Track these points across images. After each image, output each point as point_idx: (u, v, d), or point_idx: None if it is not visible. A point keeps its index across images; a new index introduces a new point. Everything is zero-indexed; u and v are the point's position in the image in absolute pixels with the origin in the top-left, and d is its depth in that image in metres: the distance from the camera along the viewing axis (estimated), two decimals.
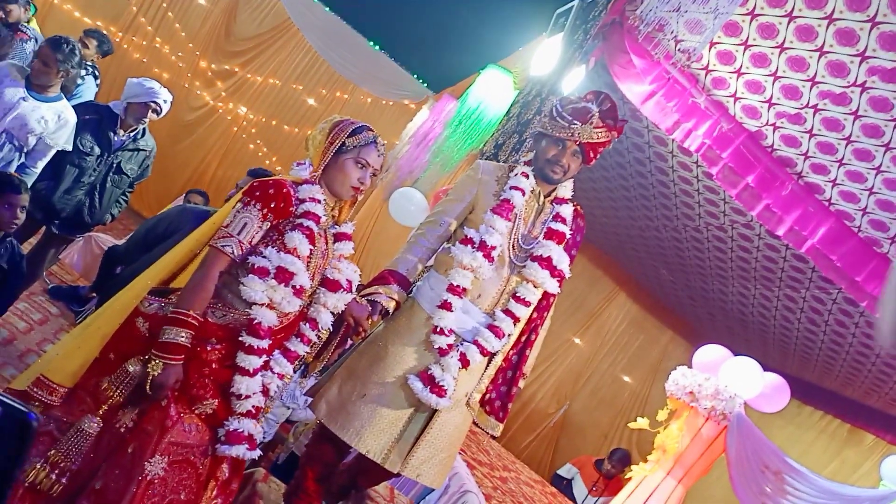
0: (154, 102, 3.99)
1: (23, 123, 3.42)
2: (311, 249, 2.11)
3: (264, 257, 2.04)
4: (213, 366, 2.04)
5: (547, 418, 9.48)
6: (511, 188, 2.58)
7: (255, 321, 2.02)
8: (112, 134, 3.95)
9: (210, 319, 2.04)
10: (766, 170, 4.74)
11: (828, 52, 3.98)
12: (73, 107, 3.83)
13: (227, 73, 8.37)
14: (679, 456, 4.78)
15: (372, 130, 2.26)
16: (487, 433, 2.62)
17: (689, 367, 5.20)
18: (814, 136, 4.46)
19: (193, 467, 2.01)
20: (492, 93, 5.59)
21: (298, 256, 2.06)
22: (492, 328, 2.52)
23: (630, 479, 5.12)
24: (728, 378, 4.83)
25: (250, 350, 2.03)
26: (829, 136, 4.40)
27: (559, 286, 2.63)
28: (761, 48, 4.23)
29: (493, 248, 2.50)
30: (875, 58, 3.82)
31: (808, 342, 6.62)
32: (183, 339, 1.93)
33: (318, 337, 2.25)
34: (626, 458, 6.97)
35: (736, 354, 5.09)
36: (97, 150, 3.88)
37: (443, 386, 2.43)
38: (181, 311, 1.94)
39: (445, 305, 2.50)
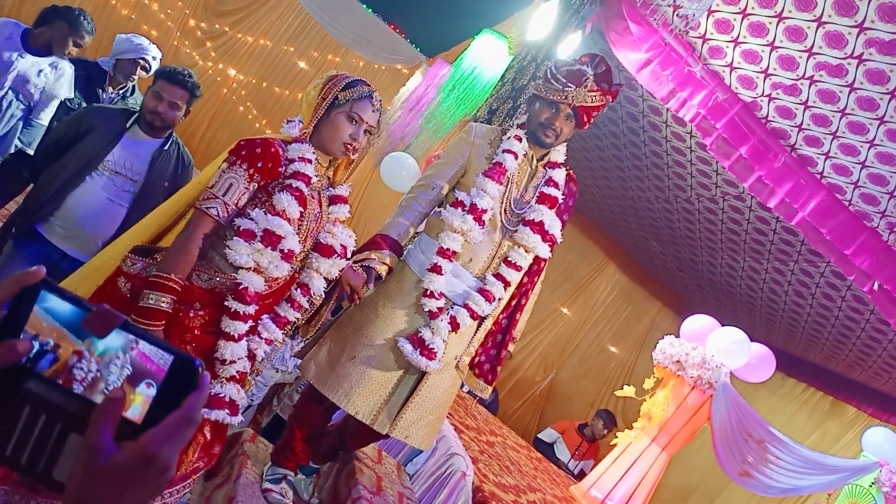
0: (143, 59, 3.91)
1: (25, 80, 3.37)
2: (301, 212, 2.04)
3: (251, 219, 1.97)
4: (196, 332, 1.99)
5: (534, 386, 9.57)
6: (504, 151, 2.57)
7: (241, 286, 1.97)
8: (100, 90, 3.87)
9: (195, 283, 1.99)
10: (760, 141, 4.72)
11: (826, 23, 3.94)
12: None
13: (216, 33, 8.22)
14: (664, 424, 4.84)
15: (368, 85, 2.18)
16: (475, 396, 2.63)
17: (677, 336, 5.24)
18: (809, 107, 4.44)
19: None
20: (486, 58, 5.52)
21: (287, 219, 1.99)
22: (482, 292, 2.52)
23: (615, 444, 5.19)
24: (715, 348, 4.87)
25: (235, 315, 1.98)
26: (823, 109, 4.37)
27: (550, 251, 2.62)
28: (759, 17, 4.18)
29: (484, 211, 2.50)
30: (873, 29, 3.79)
31: (794, 315, 6.68)
32: (164, 304, 1.87)
33: (311, 303, 2.21)
34: (612, 417, 7.07)
35: (723, 325, 5.13)
36: (84, 106, 3.81)
37: (433, 349, 2.43)
38: (163, 274, 1.88)
39: (435, 269, 2.49)
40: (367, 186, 7.96)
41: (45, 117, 3.56)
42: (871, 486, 4.80)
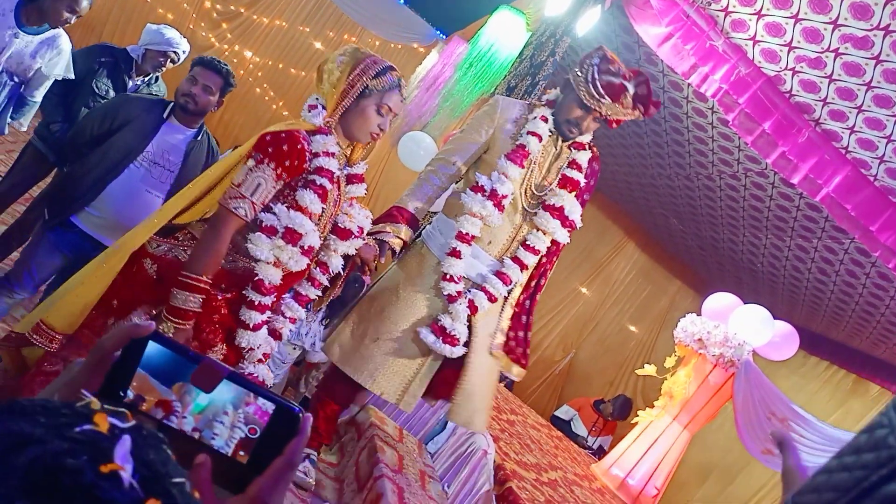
0: (173, 52, 3.93)
1: (20, 60, 3.34)
2: (323, 207, 2.04)
3: (274, 214, 1.97)
4: (223, 311, 2.01)
5: (553, 365, 9.57)
6: (528, 133, 2.53)
7: (258, 278, 1.98)
8: (127, 78, 3.89)
9: (220, 266, 1.99)
10: (784, 116, 4.64)
11: None
12: (92, 49, 3.77)
13: (232, 15, 8.20)
14: (685, 402, 4.82)
15: (395, 70, 2.14)
16: (503, 379, 2.65)
17: (699, 315, 5.20)
18: (833, 81, 4.35)
19: None
20: (504, 35, 5.46)
21: (309, 215, 1.99)
22: (499, 275, 2.53)
23: (636, 423, 5.18)
24: (738, 325, 4.83)
25: (251, 305, 2.00)
26: (849, 82, 4.28)
27: (569, 236, 2.62)
28: None
29: (504, 197, 2.49)
30: None
31: (818, 292, 6.59)
32: (193, 304, 1.89)
33: (331, 281, 2.24)
34: (628, 404, 7.05)
35: (745, 303, 5.08)
36: (112, 94, 3.82)
37: (455, 335, 2.45)
38: (191, 275, 1.89)
39: (454, 253, 2.50)
40: (385, 166, 7.94)
41: (39, 95, 3.53)
42: None
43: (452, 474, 2.83)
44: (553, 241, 2.61)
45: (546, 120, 2.57)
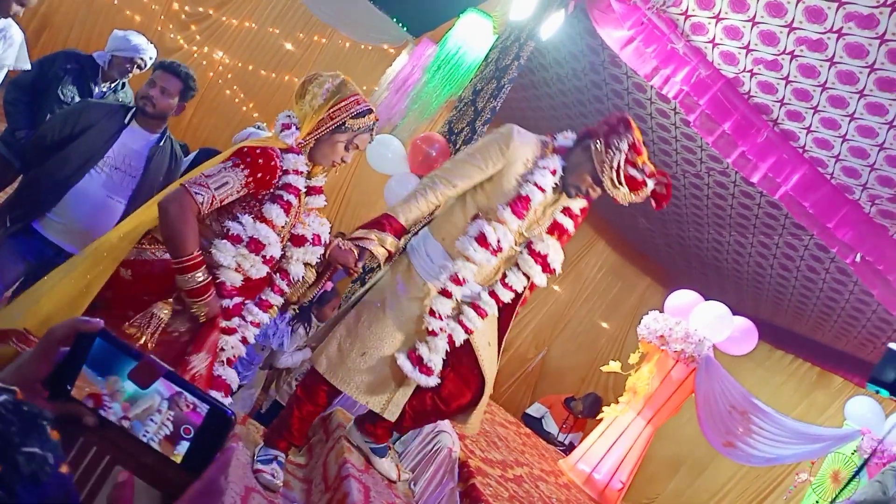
0: (140, 58, 3.92)
1: None
2: (286, 221, 2.14)
3: (240, 224, 2.06)
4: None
5: (526, 363, 9.66)
6: (534, 185, 2.56)
7: (220, 281, 2.06)
8: (93, 84, 3.87)
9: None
10: (743, 117, 4.76)
11: None
12: (57, 55, 3.76)
13: (201, 16, 8.17)
14: (649, 397, 4.94)
15: (373, 113, 2.23)
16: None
17: (662, 312, 5.31)
18: (790, 82, 4.48)
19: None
20: (471, 37, 5.52)
21: (274, 227, 2.09)
22: (476, 308, 2.62)
23: (601, 419, 5.29)
24: (698, 322, 4.94)
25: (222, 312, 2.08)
26: (804, 83, 4.41)
27: (546, 280, 2.70)
28: None
29: (501, 249, 2.56)
30: (852, 3, 3.81)
31: (780, 287, 6.76)
32: (200, 278, 1.97)
33: (289, 285, 2.32)
34: (598, 402, 7.17)
35: (708, 300, 5.20)
36: (77, 100, 3.81)
37: (430, 366, 2.54)
38: (181, 258, 1.95)
39: (445, 293, 2.57)
40: (356, 169, 7.97)
41: None
42: (853, 453, 4.90)
43: (419, 473, 2.89)
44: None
45: (555, 173, 2.58)
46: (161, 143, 3.19)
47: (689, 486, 8.31)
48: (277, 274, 2.27)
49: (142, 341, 1.95)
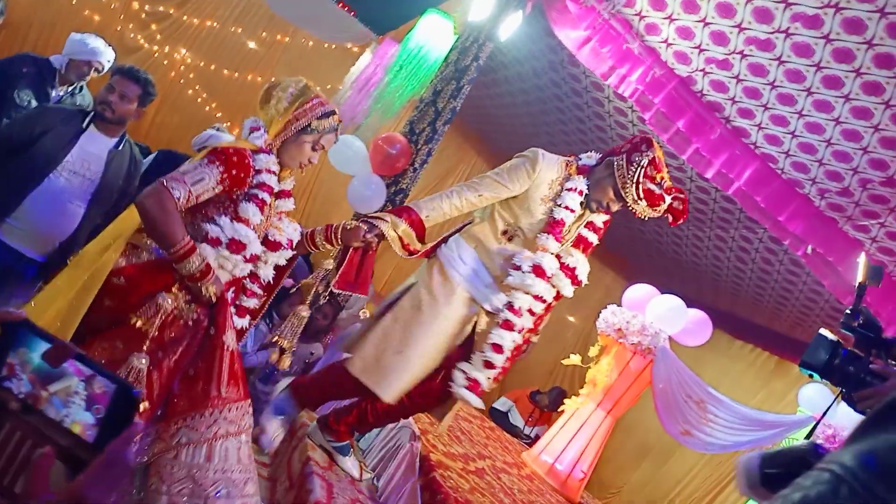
0: (97, 61, 3.91)
1: None
2: (261, 219, 2.21)
3: (218, 226, 2.12)
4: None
5: None
6: (564, 207, 2.74)
7: None
8: (50, 88, 3.85)
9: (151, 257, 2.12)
10: (696, 114, 4.90)
11: None
12: (13, 59, 3.73)
13: (161, 16, 8.08)
14: (608, 389, 5.06)
15: (336, 114, 2.33)
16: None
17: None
18: (741, 81, 4.61)
19: None
20: (432, 37, 5.57)
21: (251, 226, 2.16)
22: (505, 325, 2.74)
23: (563, 411, 5.41)
24: (653, 315, 5.08)
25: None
26: (754, 82, 4.55)
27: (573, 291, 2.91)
28: None
29: (550, 275, 2.73)
30: (798, 4, 3.95)
31: (737, 279, 6.94)
32: (199, 261, 2.03)
33: (262, 288, 2.40)
34: (562, 395, 7.30)
35: (664, 293, 5.34)
36: (34, 104, 3.78)
37: (477, 381, 2.72)
38: (174, 248, 2.01)
39: (507, 326, 2.71)
40: (319, 169, 7.98)
41: None
42: (806, 439, 5.06)
43: (382, 468, 2.95)
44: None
45: (581, 194, 2.76)
46: (120, 147, 3.20)
47: (654, 475, 8.48)
48: (250, 279, 2.32)
49: (152, 330, 1.99)
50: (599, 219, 2.90)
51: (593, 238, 2.89)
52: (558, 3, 4.69)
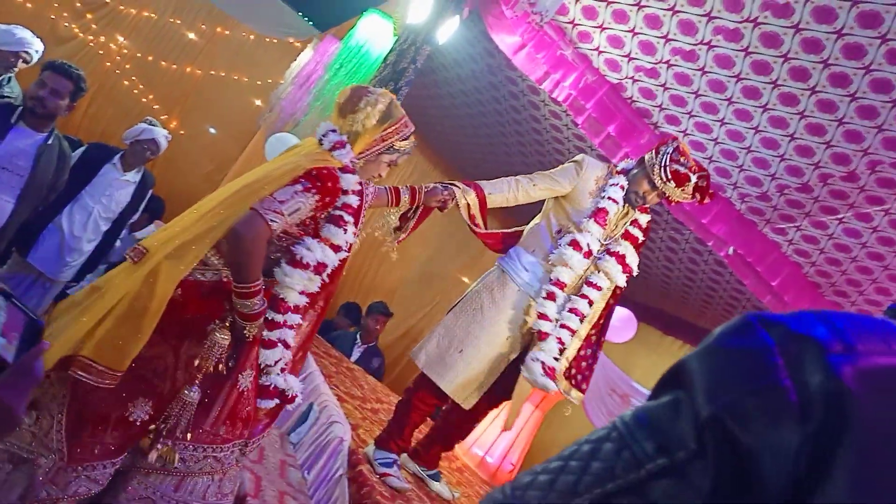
0: (25, 52, 3.84)
1: None
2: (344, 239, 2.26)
3: (307, 249, 2.12)
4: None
5: None
6: (608, 198, 3.07)
7: (280, 297, 2.13)
8: None
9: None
10: (626, 120, 5.09)
11: (679, 11, 4.28)
12: None
13: (97, 5, 7.91)
14: None
15: (414, 133, 2.39)
16: (570, 400, 3.10)
17: None
18: (667, 89, 4.82)
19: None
20: (373, 37, 5.63)
21: (335, 248, 2.19)
22: (573, 311, 3.03)
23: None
24: None
25: (272, 325, 2.14)
26: (679, 90, 4.76)
27: (626, 281, 3.17)
28: (621, 5, 4.49)
29: (591, 252, 3.02)
30: (719, 18, 4.15)
31: (665, 278, 7.21)
32: (258, 306, 2.02)
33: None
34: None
35: None
36: None
37: (553, 367, 2.98)
38: (243, 285, 1.99)
39: (550, 296, 2.99)
40: (258, 166, 7.94)
41: None
42: None
43: (312, 462, 3.01)
44: (615, 288, 3.14)
45: (623, 188, 3.11)
46: (49, 142, 3.18)
47: None
48: None
49: (209, 369, 1.97)
50: (644, 218, 3.22)
51: (639, 234, 3.19)
52: (495, 8, 4.80)
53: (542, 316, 2.98)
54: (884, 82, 3.75)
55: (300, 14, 7.24)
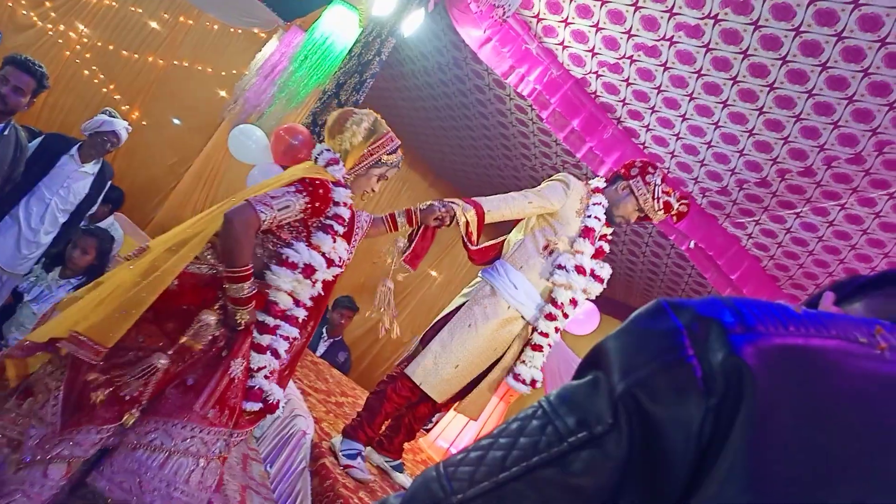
0: None
1: None
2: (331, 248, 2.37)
3: (296, 251, 2.26)
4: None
5: (400, 348, 9.86)
6: (594, 217, 3.27)
7: (272, 300, 2.26)
8: None
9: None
10: (590, 114, 5.13)
11: (641, 7, 4.33)
12: None
13: None
14: None
15: (401, 146, 2.56)
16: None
17: None
18: (630, 84, 4.87)
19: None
20: (338, 28, 5.58)
21: (323, 254, 2.31)
22: (548, 317, 3.21)
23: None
24: None
25: (263, 328, 2.26)
26: (642, 86, 4.81)
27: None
28: (584, 0, 4.53)
29: (585, 269, 3.19)
30: (681, 14, 4.21)
31: (629, 271, 7.30)
32: (246, 290, 2.13)
33: (311, 300, 2.53)
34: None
35: None
36: None
37: (533, 379, 3.23)
38: (234, 269, 2.12)
39: (550, 317, 3.17)
40: (221, 160, 7.86)
41: None
42: None
43: (275, 455, 3.00)
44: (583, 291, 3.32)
45: (604, 207, 3.30)
46: (5, 133, 3.12)
47: None
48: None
49: (198, 349, 2.07)
50: (608, 231, 3.42)
51: (607, 248, 3.43)
52: (460, 2, 4.81)
53: (542, 334, 3.19)
54: (839, 79, 3.84)
55: (265, 4, 7.17)
